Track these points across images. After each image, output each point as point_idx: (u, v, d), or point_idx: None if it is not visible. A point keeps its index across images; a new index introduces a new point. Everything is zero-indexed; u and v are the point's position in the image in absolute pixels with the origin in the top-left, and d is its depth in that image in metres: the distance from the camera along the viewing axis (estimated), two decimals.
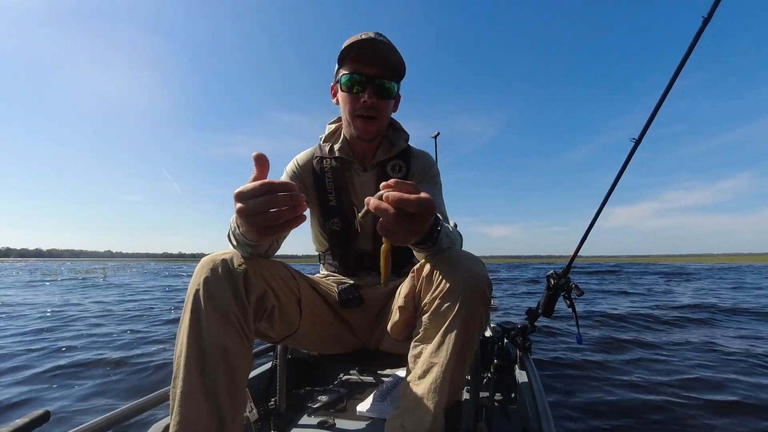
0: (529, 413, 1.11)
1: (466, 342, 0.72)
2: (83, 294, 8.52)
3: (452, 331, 0.71)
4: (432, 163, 1.10)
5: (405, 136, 1.08)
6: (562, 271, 1.51)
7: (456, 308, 0.71)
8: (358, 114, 0.93)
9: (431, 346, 0.73)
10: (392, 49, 0.91)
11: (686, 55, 1.25)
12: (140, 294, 8.57)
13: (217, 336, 0.67)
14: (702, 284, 10.49)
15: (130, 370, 2.71)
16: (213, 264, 0.72)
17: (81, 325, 4.47)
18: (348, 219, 1.02)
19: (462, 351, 0.71)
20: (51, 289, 9.59)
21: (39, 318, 4.98)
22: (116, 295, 8.20)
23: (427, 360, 0.73)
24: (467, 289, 0.71)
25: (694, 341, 3.55)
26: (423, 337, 0.76)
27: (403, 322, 0.85)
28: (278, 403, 1.19)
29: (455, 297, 0.71)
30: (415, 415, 0.72)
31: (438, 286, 0.74)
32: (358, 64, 0.91)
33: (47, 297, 7.74)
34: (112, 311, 5.66)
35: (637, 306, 6.12)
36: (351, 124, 0.97)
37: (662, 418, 1.90)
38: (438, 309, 0.73)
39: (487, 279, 0.74)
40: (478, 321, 0.72)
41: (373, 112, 0.93)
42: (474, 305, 0.71)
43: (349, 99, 0.93)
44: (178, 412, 0.64)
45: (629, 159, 1.41)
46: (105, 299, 7.42)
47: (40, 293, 8.58)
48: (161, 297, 7.93)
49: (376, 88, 0.92)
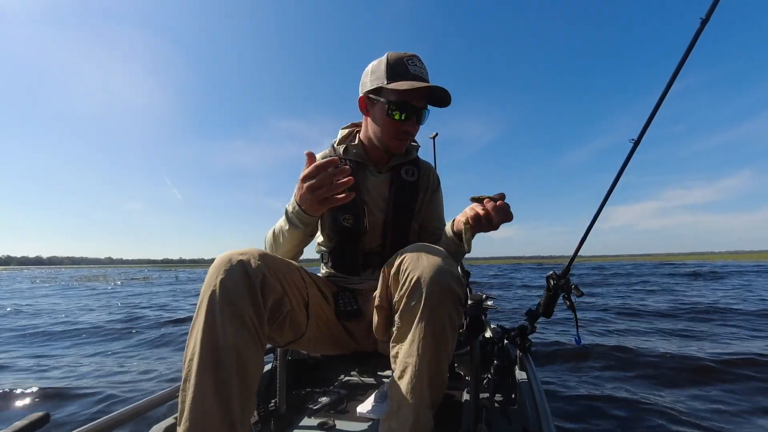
0: (530, 414, 1.11)
1: (437, 340, 0.71)
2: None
3: (421, 328, 0.71)
4: (436, 174, 1.21)
5: (416, 146, 1.18)
6: (562, 272, 1.51)
7: (422, 305, 0.71)
8: (398, 138, 1.01)
9: (405, 345, 0.74)
10: (442, 89, 0.96)
11: (684, 56, 1.25)
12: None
13: (233, 339, 0.66)
14: (725, 283, 10.44)
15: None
16: (230, 264, 0.70)
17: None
18: (359, 216, 1.04)
19: (434, 349, 0.71)
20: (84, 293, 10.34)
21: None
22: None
23: (402, 360, 0.73)
24: (432, 285, 0.71)
25: (695, 341, 3.55)
26: (397, 337, 0.76)
27: (383, 322, 0.86)
28: (278, 405, 1.18)
29: (419, 294, 0.71)
30: (399, 416, 0.72)
31: (404, 284, 0.74)
32: (407, 94, 0.95)
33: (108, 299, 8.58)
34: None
35: (638, 306, 6.11)
36: (384, 142, 1.03)
37: (662, 418, 1.90)
38: (406, 307, 0.74)
39: (452, 274, 0.73)
40: (447, 318, 0.72)
41: (410, 137, 1.03)
42: (440, 301, 0.71)
43: (391, 124, 0.99)
44: (188, 417, 0.62)
45: (628, 159, 1.41)
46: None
47: (88, 299, 9.15)
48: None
49: (418, 117, 1.00)
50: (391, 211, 1.07)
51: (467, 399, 1.29)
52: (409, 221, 1.10)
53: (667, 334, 3.96)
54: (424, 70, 0.98)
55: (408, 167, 1.13)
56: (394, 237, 1.09)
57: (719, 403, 2.06)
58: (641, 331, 4.15)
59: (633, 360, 2.94)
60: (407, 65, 0.95)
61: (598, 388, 2.33)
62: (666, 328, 4.26)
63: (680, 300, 6.85)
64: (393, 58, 0.96)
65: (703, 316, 5.08)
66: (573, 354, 3.13)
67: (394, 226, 1.08)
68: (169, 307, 7.26)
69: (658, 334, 3.93)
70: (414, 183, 1.12)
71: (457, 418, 1.16)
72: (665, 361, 2.87)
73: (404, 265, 0.76)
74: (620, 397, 2.18)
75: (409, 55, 0.97)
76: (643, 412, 1.97)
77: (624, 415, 1.96)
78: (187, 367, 0.65)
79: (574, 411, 2.03)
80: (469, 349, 1.00)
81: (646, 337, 3.77)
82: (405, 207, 1.09)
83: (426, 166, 1.18)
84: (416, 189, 1.12)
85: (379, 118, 1.00)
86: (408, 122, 0.98)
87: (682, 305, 6.03)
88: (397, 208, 1.08)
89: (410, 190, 1.11)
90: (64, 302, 8.57)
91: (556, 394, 2.26)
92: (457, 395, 1.34)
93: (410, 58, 0.96)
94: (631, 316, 5.24)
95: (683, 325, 4.41)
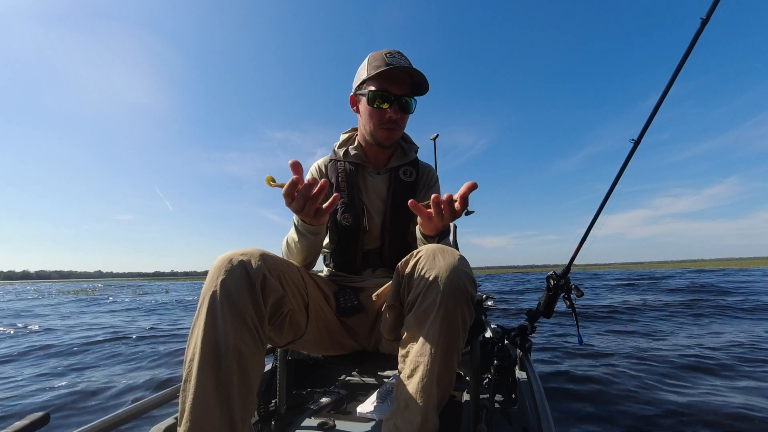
0: (530, 414, 1.12)
1: (449, 339, 0.72)
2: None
3: (434, 328, 0.71)
4: (435, 173, 1.22)
5: (415, 148, 1.20)
6: (562, 272, 1.51)
7: (437, 305, 0.71)
8: (383, 126, 1.04)
9: (417, 345, 0.73)
10: (415, 70, 0.99)
11: (684, 56, 1.25)
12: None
13: (234, 340, 0.66)
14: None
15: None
16: (230, 265, 0.70)
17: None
18: (358, 217, 1.06)
19: (446, 349, 0.71)
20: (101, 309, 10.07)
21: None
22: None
23: (413, 359, 0.73)
24: (447, 285, 0.71)
25: (696, 341, 3.55)
26: (408, 336, 0.76)
27: (392, 321, 0.85)
28: (279, 405, 1.19)
29: (435, 294, 0.72)
30: (406, 416, 0.72)
31: (419, 283, 0.74)
32: (385, 82, 1.00)
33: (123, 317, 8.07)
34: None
35: (637, 306, 6.11)
36: (374, 133, 1.06)
37: (663, 418, 1.90)
38: (420, 306, 0.74)
39: (466, 275, 0.74)
40: (460, 317, 0.72)
41: (395, 125, 1.05)
42: (455, 302, 0.71)
43: (375, 113, 1.03)
44: (188, 417, 0.62)
45: (628, 160, 1.41)
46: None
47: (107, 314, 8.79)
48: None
49: (400, 104, 1.02)
50: (390, 211, 1.09)
51: (467, 399, 1.29)
52: (407, 221, 1.10)
53: (667, 333, 3.96)
54: (402, 60, 1.00)
55: (406, 168, 1.15)
56: (393, 237, 1.10)
57: (722, 403, 2.06)
58: (642, 330, 4.15)
59: (634, 360, 2.94)
60: (385, 58, 0.99)
61: (599, 388, 2.33)
62: (667, 328, 4.26)
63: (681, 300, 6.85)
64: (374, 55, 1.02)
65: (704, 315, 5.08)
66: (573, 354, 3.13)
67: (393, 227, 1.09)
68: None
69: (658, 334, 3.93)
70: (412, 183, 1.13)
71: (457, 418, 1.16)
72: (666, 361, 2.87)
73: (420, 264, 0.76)
74: (621, 397, 2.18)
75: (389, 50, 1.01)
76: (644, 412, 1.97)
77: (625, 415, 1.95)
78: (187, 367, 0.65)
79: (575, 411, 2.03)
80: (469, 349, 1.00)
81: (646, 337, 3.77)
82: (403, 207, 1.09)
83: (425, 167, 1.20)
84: (414, 189, 1.14)
85: (365, 110, 1.05)
86: (390, 109, 1.01)
87: (683, 305, 6.03)
88: (396, 208, 1.09)
89: (408, 191, 1.12)
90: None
91: (557, 394, 2.26)
92: (457, 395, 1.34)
93: (389, 52, 1.00)
94: (632, 315, 5.24)
95: (683, 326, 4.42)
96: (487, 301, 1.53)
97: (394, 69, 0.97)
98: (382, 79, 0.99)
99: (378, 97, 1.00)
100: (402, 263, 0.82)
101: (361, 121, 1.09)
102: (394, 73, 0.99)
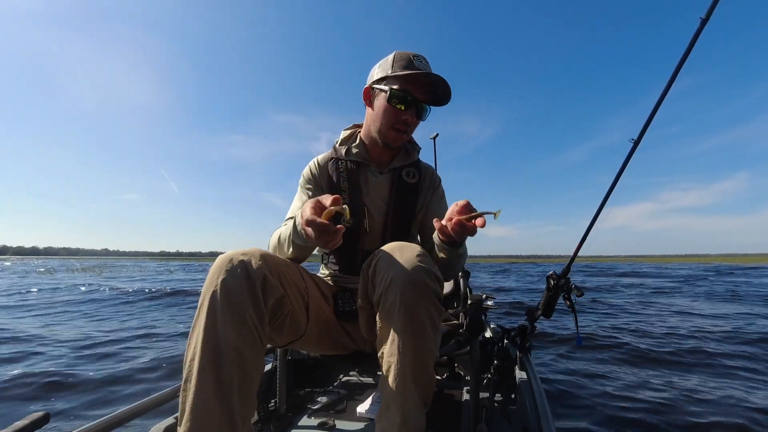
0: (529, 414, 1.12)
1: (417, 337, 0.71)
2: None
3: (399, 326, 0.71)
4: (437, 175, 1.21)
5: (418, 149, 1.18)
6: (562, 272, 1.51)
7: (398, 303, 0.71)
8: (396, 127, 1.02)
9: (387, 345, 0.73)
10: (445, 82, 0.98)
11: (684, 55, 1.25)
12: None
13: (234, 340, 0.66)
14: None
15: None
16: (231, 265, 0.70)
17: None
18: (359, 217, 1.05)
19: (416, 346, 0.71)
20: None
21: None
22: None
23: (386, 359, 0.73)
24: (406, 282, 0.71)
25: (697, 339, 3.55)
26: (380, 336, 0.76)
27: (365, 321, 0.85)
28: (278, 405, 1.19)
29: (395, 292, 0.71)
30: (389, 416, 0.72)
31: (380, 283, 0.74)
32: (411, 84, 0.98)
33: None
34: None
35: (638, 305, 6.11)
36: (383, 132, 1.04)
37: (663, 418, 1.90)
38: (384, 306, 0.74)
39: (425, 270, 0.73)
40: (425, 314, 0.72)
41: (408, 128, 1.04)
42: (416, 298, 0.71)
43: (391, 111, 1.00)
44: (189, 417, 0.62)
45: (628, 159, 1.41)
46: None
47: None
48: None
49: (418, 109, 1.01)
50: (391, 212, 1.08)
51: (467, 399, 1.29)
52: (408, 223, 1.10)
53: (668, 333, 3.95)
54: (428, 68, 1.01)
55: (409, 169, 1.13)
56: (394, 238, 1.09)
57: (726, 401, 2.06)
58: (642, 330, 4.14)
59: (635, 359, 2.94)
60: (412, 60, 0.99)
61: (599, 388, 2.33)
62: (668, 327, 4.25)
63: (682, 300, 6.84)
64: (400, 53, 1.01)
65: (705, 316, 5.07)
66: (573, 354, 3.13)
67: (394, 228, 1.08)
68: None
69: (659, 334, 3.93)
70: (415, 185, 1.12)
71: (457, 418, 1.16)
72: (667, 361, 2.87)
73: (380, 264, 0.76)
74: (621, 396, 2.18)
75: (416, 54, 1.00)
76: (644, 413, 1.97)
77: (626, 415, 1.95)
78: (188, 367, 0.65)
79: (575, 411, 2.02)
80: (469, 349, 1.00)
81: (647, 337, 3.77)
82: (405, 209, 1.09)
83: (427, 168, 1.19)
84: (417, 191, 1.12)
85: (381, 107, 1.02)
86: (408, 112, 1.00)
87: (684, 306, 6.03)
88: (397, 209, 1.08)
89: (411, 192, 1.11)
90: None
91: (556, 394, 2.26)
92: (457, 395, 1.34)
93: (417, 56, 1.00)
94: (632, 315, 5.23)
95: (686, 324, 4.41)
96: (487, 301, 1.53)
97: (423, 75, 0.96)
98: (407, 81, 0.97)
99: (399, 98, 0.98)
100: (366, 263, 0.82)
101: (371, 117, 1.06)
102: (421, 78, 0.97)
